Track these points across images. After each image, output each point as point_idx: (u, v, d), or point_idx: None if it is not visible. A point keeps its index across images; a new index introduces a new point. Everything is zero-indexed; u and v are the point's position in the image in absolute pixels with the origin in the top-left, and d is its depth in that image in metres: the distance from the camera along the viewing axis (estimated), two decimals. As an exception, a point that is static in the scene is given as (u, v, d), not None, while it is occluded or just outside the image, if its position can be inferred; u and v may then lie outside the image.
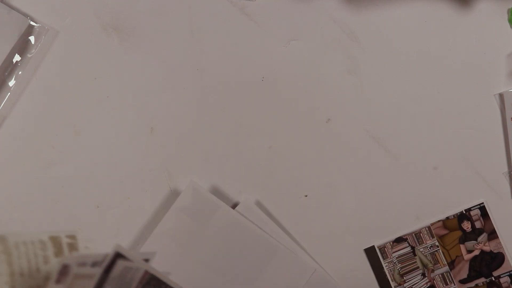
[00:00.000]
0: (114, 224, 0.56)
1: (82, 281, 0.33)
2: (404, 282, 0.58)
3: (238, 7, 0.56)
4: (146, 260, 0.36)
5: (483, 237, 0.58)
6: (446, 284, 0.58)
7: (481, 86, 0.57)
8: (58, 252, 0.36)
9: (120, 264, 0.32)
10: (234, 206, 0.57)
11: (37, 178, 0.56)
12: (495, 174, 0.57)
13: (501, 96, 0.56)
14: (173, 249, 0.55)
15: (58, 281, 0.33)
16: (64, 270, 0.33)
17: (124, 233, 0.56)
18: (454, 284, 0.58)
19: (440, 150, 0.57)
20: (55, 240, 0.37)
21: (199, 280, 0.56)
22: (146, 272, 0.34)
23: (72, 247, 0.37)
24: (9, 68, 0.55)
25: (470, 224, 0.58)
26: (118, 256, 0.32)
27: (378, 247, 0.58)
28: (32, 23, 0.55)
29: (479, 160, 0.57)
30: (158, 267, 0.35)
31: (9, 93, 0.55)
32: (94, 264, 0.33)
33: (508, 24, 0.56)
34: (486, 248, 0.58)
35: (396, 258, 0.58)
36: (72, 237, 0.38)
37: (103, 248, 0.54)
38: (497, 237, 0.58)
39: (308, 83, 0.57)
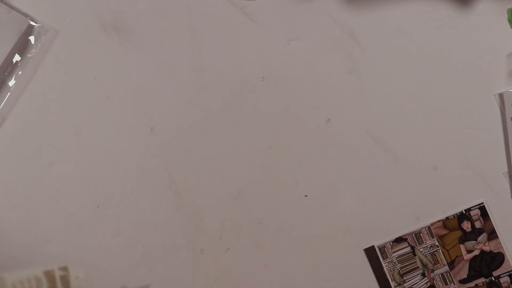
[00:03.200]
0: (114, 224, 0.56)
1: None
2: (404, 282, 0.58)
3: (238, 7, 0.56)
4: None
5: (483, 237, 0.58)
6: (446, 284, 0.58)
7: (481, 86, 0.57)
8: (52, 286, 0.37)
9: None
10: (233, 205, 0.57)
11: (37, 178, 0.56)
12: (495, 174, 0.57)
13: (501, 96, 0.56)
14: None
15: None
16: None
17: (124, 233, 0.56)
18: (454, 284, 0.58)
19: (440, 150, 0.57)
20: (49, 274, 0.37)
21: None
22: None
23: (64, 279, 0.38)
24: (9, 68, 0.55)
25: (470, 224, 0.58)
26: None
27: (378, 247, 0.58)
28: (32, 23, 0.55)
29: (479, 160, 0.57)
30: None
31: (9, 93, 0.55)
32: None
33: (508, 24, 0.56)
34: (486, 248, 0.58)
35: (396, 258, 0.58)
36: (64, 268, 0.38)
37: (93, 273, 0.55)
38: (497, 237, 0.58)
39: (308, 83, 0.57)
